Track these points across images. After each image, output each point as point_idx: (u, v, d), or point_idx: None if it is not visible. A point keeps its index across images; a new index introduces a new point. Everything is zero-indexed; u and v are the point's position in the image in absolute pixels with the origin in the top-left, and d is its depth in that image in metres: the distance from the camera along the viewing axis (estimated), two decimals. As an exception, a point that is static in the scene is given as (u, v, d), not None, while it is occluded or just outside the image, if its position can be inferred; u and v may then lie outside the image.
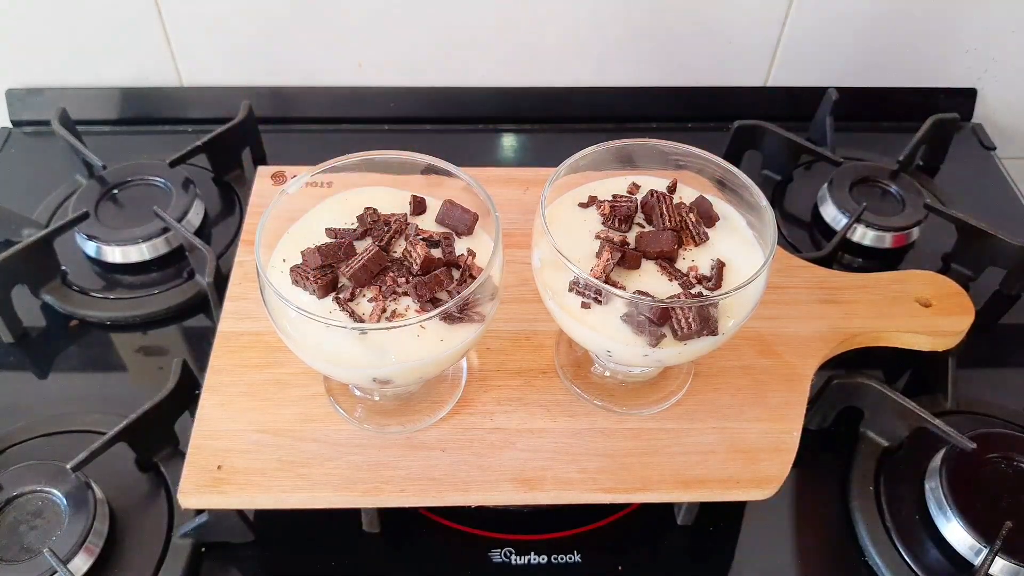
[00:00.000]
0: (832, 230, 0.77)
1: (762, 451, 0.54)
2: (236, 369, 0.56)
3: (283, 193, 0.51)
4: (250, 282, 0.61)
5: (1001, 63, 0.89)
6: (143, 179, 0.77)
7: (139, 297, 0.70)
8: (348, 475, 0.52)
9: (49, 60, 0.85)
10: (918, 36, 0.87)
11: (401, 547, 0.56)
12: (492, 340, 0.59)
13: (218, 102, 0.86)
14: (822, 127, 0.85)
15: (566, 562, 0.56)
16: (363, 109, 0.88)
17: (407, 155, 0.53)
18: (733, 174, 0.52)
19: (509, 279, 0.60)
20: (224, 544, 0.56)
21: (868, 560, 0.56)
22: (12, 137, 0.85)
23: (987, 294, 0.74)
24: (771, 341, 0.60)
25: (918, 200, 0.78)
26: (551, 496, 0.52)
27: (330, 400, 0.55)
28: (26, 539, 0.53)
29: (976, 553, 0.55)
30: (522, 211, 0.65)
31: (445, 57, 0.86)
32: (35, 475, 0.55)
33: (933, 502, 0.57)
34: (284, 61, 0.86)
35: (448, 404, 0.55)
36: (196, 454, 0.52)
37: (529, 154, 0.88)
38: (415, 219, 0.52)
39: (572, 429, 0.54)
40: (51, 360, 0.67)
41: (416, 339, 0.46)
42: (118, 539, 0.55)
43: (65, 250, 0.71)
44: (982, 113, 0.92)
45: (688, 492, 0.53)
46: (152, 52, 0.84)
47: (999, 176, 0.87)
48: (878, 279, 0.65)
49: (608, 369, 0.58)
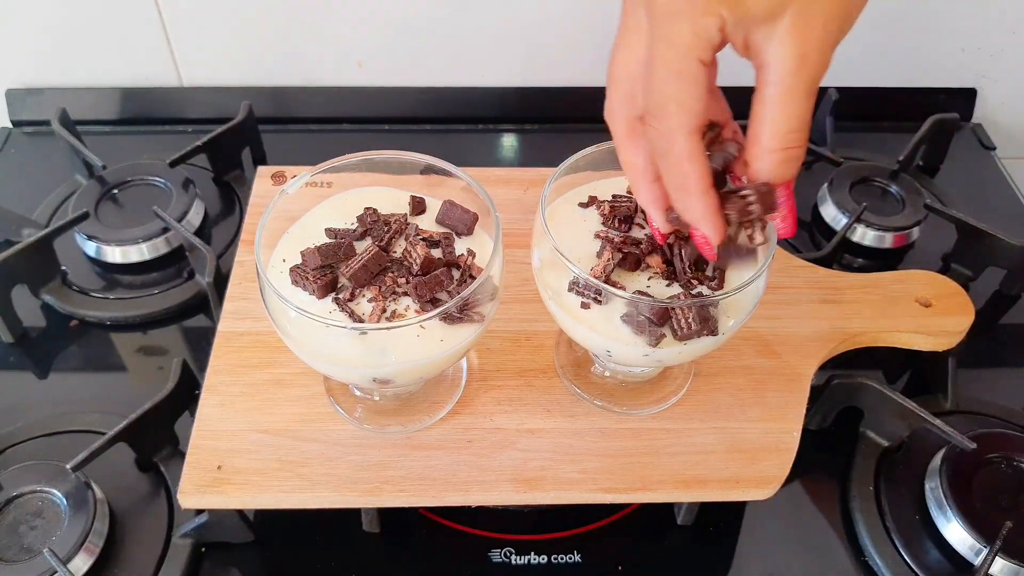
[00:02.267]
0: (832, 230, 0.77)
1: (762, 451, 0.54)
2: (236, 369, 0.56)
3: (283, 193, 0.51)
4: (250, 282, 0.61)
5: (1001, 63, 0.89)
6: (143, 179, 0.77)
7: (139, 297, 0.70)
8: (348, 475, 0.52)
9: (49, 60, 0.85)
10: (918, 36, 0.87)
11: (401, 547, 0.57)
12: (492, 340, 0.59)
13: (218, 102, 0.86)
14: (822, 127, 0.85)
15: (566, 562, 0.56)
16: (363, 109, 0.88)
17: (407, 155, 0.53)
18: (733, 174, 0.52)
19: (509, 279, 0.60)
20: (224, 544, 0.56)
21: (868, 560, 0.56)
22: (12, 137, 0.85)
23: (987, 294, 0.74)
24: (771, 341, 0.60)
25: (918, 200, 0.78)
26: (551, 496, 0.52)
27: (330, 400, 0.55)
28: (26, 539, 0.53)
29: (976, 553, 0.55)
30: (522, 211, 0.65)
31: (445, 57, 0.86)
32: (35, 475, 0.55)
33: (933, 502, 0.57)
34: (284, 61, 0.86)
35: (448, 404, 0.55)
36: (196, 454, 0.52)
37: (529, 154, 0.88)
38: (415, 219, 0.52)
39: (572, 429, 0.54)
40: (51, 360, 0.67)
41: (416, 339, 0.46)
42: (118, 539, 0.55)
43: (65, 250, 0.71)
44: (982, 113, 0.92)
45: (688, 492, 0.53)
46: (152, 52, 0.84)
47: (999, 176, 0.87)
48: (878, 279, 0.65)
49: (608, 369, 0.58)
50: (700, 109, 0.38)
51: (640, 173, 0.44)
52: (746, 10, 0.35)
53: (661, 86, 0.38)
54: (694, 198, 0.40)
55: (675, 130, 0.38)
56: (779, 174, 0.40)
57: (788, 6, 0.35)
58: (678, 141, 0.39)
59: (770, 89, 0.37)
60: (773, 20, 0.36)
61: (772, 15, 0.35)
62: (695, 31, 0.36)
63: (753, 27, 0.36)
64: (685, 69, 0.37)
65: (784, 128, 0.38)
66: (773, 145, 0.39)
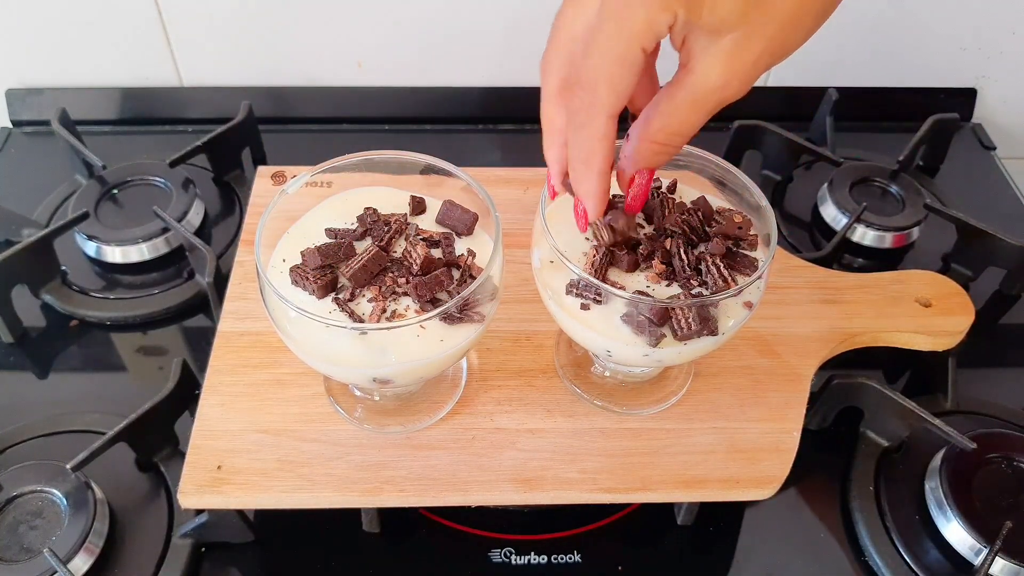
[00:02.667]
0: (832, 230, 0.77)
1: (762, 451, 0.54)
2: (236, 369, 0.56)
3: (283, 193, 0.51)
4: (250, 282, 0.61)
5: (1001, 63, 0.89)
6: (143, 179, 0.77)
7: (139, 297, 0.70)
8: (348, 475, 0.52)
9: (49, 60, 0.85)
10: (918, 36, 0.87)
11: (401, 547, 0.56)
12: (492, 340, 0.59)
13: (218, 102, 0.86)
14: (822, 127, 0.85)
15: (566, 562, 0.56)
16: (363, 109, 0.88)
17: (407, 155, 0.53)
18: (733, 174, 0.52)
19: (509, 279, 0.60)
20: (224, 544, 0.56)
21: (868, 560, 0.56)
22: (12, 137, 0.85)
23: (987, 294, 0.74)
24: (771, 341, 0.60)
25: (918, 200, 0.78)
26: (551, 496, 0.52)
27: (330, 400, 0.55)
28: (26, 539, 0.53)
29: (976, 553, 0.55)
30: (522, 211, 0.65)
31: (445, 57, 0.86)
32: (35, 475, 0.55)
33: (933, 502, 0.57)
34: (284, 61, 0.86)
35: (448, 404, 0.55)
36: (196, 454, 0.52)
37: (529, 154, 0.87)
38: (415, 219, 0.52)
39: (572, 429, 0.54)
40: (51, 360, 0.67)
41: (416, 339, 0.46)
42: (118, 539, 0.55)
43: (65, 250, 0.71)
44: (982, 113, 0.92)
45: (688, 492, 0.53)
46: (152, 52, 0.84)
47: (999, 176, 0.87)
48: (878, 279, 0.65)
49: (608, 369, 0.58)
50: (627, 94, 0.39)
51: (557, 132, 0.45)
52: (699, 16, 0.36)
53: (598, 63, 0.38)
54: (592, 175, 0.43)
55: (598, 108, 0.40)
56: (649, 162, 0.43)
57: (734, 29, 0.36)
58: (597, 119, 0.40)
59: (682, 92, 0.39)
60: (716, 35, 0.37)
61: (717, 31, 0.36)
62: (648, 20, 0.36)
63: (696, 33, 0.37)
64: (627, 54, 0.37)
65: (675, 129, 0.40)
66: (659, 138, 0.41)
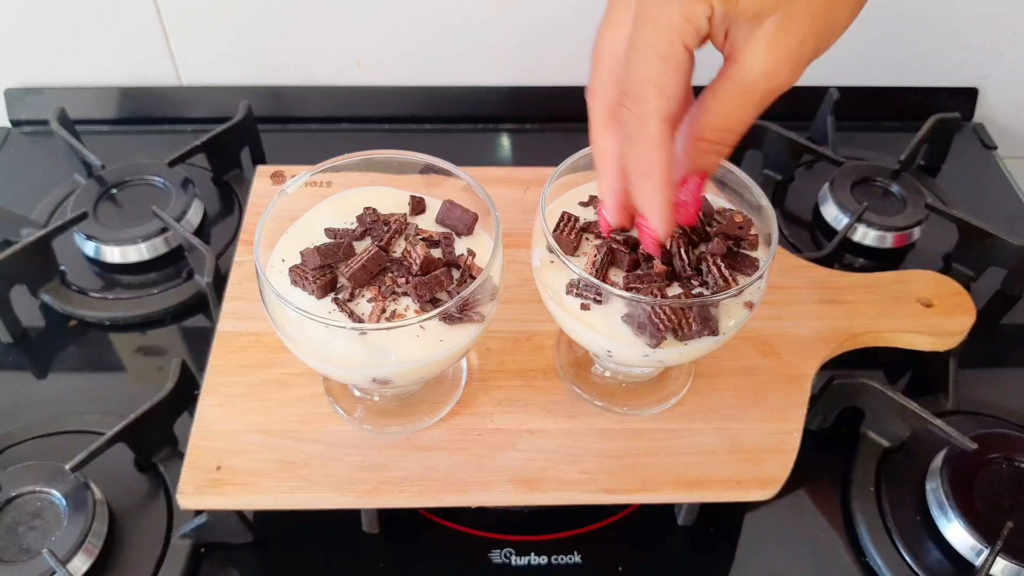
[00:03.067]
0: (833, 230, 0.77)
1: (763, 451, 0.54)
2: (235, 369, 0.56)
3: (282, 193, 0.50)
4: (249, 282, 0.61)
5: (1002, 62, 0.89)
6: (142, 179, 0.77)
7: (138, 297, 0.70)
8: (348, 476, 0.51)
9: (48, 60, 0.84)
10: (919, 35, 0.87)
11: (401, 547, 0.56)
12: (492, 340, 0.59)
13: (217, 102, 0.85)
14: (823, 126, 0.85)
15: (566, 563, 0.56)
16: (363, 109, 0.88)
17: (407, 155, 0.53)
18: (734, 174, 0.52)
19: (509, 279, 0.60)
20: (224, 544, 0.56)
21: (869, 561, 0.56)
22: (11, 137, 0.85)
23: (988, 294, 0.74)
24: (772, 341, 0.59)
25: (919, 200, 0.77)
26: (551, 497, 0.52)
27: (330, 400, 0.55)
28: (25, 539, 0.53)
29: (977, 554, 0.54)
30: (522, 211, 0.65)
31: (445, 57, 0.86)
32: (34, 475, 0.55)
33: (934, 502, 0.57)
34: (284, 61, 0.86)
35: (448, 404, 0.55)
36: (195, 455, 0.52)
37: (529, 154, 0.87)
38: (415, 219, 0.52)
39: (572, 430, 0.54)
40: (50, 360, 0.67)
41: (416, 339, 0.46)
42: (117, 540, 0.55)
43: (64, 250, 0.71)
44: (983, 113, 0.92)
45: (689, 493, 0.53)
46: (151, 52, 0.84)
47: (1000, 176, 0.87)
48: (879, 279, 0.65)
49: (608, 369, 0.58)
50: (678, 96, 0.38)
51: (611, 160, 0.44)
52: (736, 3, 0.35)
53: (642, 67, 0.38)
54: (654, 186, 0.40)
55: (649, 115, 0.38)
56: (698, 163, 0.41)
57: (773, 11, 0.35)
58: (650, 126, 0.38)
59: (729, 85, 0.38)
60: (758, 21, 0.36)
61: (757, 17, 0.36)
62: (685, 15, 0.36)
63: (737, 23, 0.36)
64: (669, 52, 0.37)
65: (724, 125, 0.39)
66: (707, 136, 0.39)
